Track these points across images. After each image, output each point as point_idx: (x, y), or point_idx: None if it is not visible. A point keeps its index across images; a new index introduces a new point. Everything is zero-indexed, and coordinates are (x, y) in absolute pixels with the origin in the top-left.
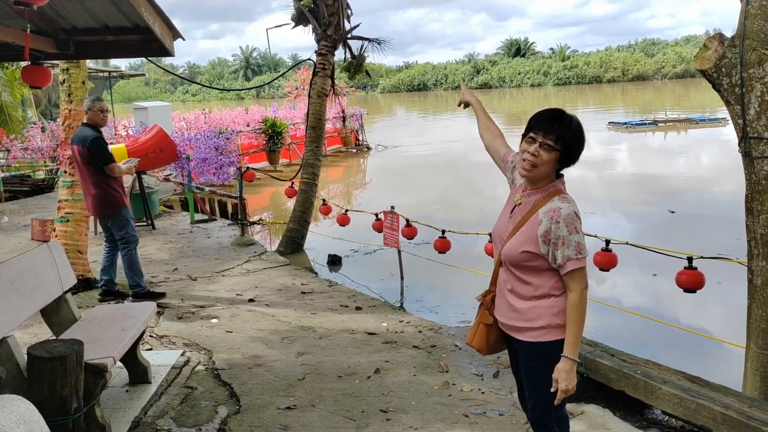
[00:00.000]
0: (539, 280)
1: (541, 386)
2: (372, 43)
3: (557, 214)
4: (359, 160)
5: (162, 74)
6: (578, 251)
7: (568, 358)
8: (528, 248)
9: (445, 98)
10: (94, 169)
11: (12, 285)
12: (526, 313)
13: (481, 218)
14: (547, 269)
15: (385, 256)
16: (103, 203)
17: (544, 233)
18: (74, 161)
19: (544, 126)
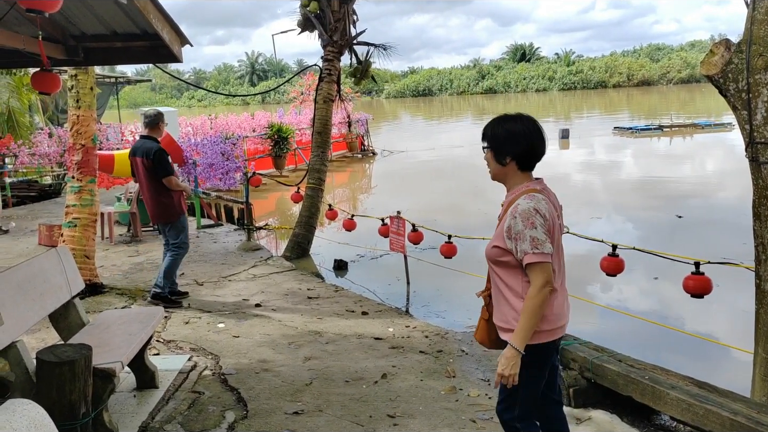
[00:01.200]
0: (512, 279)
1: (505, 387)
2: (378, 49)
3: (515, 210)
4: (364, 165)
5: (168, 80)
6: (534, 246)
7: (512, 347)
8: (497, 243)
9: (450, 103)
10: (157, 180)
11: (21, 290)
12: (505, 314)
13: (486, 223)
14: (519, 267)
15: (391, 261)
16: (164, 211)
17: (507, 229)
18: (136, 172)
19: (483, 132)
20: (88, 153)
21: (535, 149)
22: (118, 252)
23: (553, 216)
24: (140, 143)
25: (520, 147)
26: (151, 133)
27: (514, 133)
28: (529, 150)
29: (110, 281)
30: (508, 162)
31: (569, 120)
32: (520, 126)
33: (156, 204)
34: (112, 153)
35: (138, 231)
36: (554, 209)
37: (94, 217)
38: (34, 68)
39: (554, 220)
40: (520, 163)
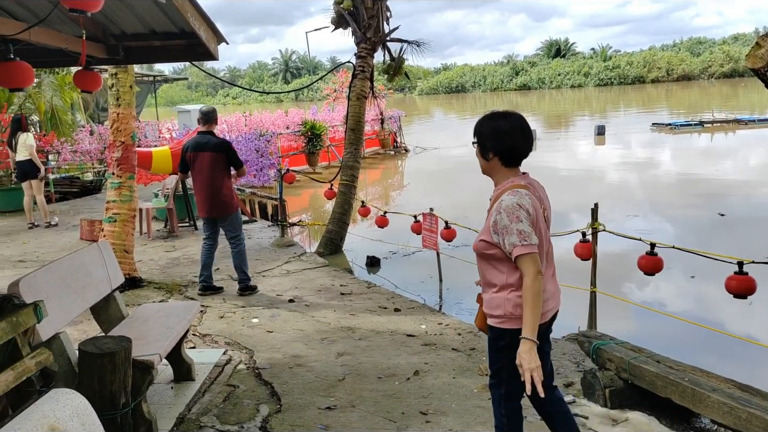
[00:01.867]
0: (498, 271)
1: (493, 365)
2: (411, 45)
3: (500, 206)
4: (397, 162)
5: (203, 78)
6: (522, 239)
7: (526, 339)
8: (484, 237)
9: (483, 100)
10: (223, 174)
11: (64, 283)
12: (490, 302)
13: None
14: (504, 260)
15: (424, 258)
16: (225, 205)
17: (493, 224)
18: (196, 166)
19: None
20: (128, 150)
21: (517, 147)
22: (156, 247)
23: (537, 209)
24: (203, 138)
25: (503, 144)
26: (210, 128)
27: (498, 130)
28: (511, 147)
29: (148, 275)
30: (491, 157)
31: (605, 116)
32: (504, 123)
33: (219, 197)
34: (150, 150)
35: (174, 227)
36: (539, 202)
37: (133, 213)
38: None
39: (538, 213)
40: (503, 159)
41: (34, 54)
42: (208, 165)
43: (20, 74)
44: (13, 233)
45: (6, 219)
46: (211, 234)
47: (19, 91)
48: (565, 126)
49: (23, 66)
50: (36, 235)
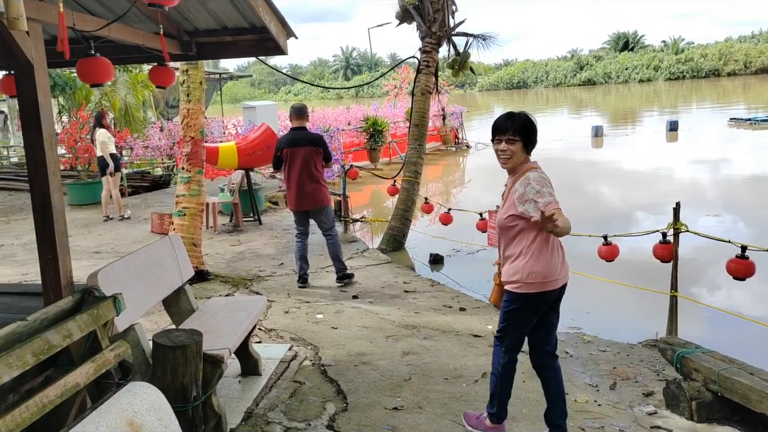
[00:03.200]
0: (517, 243)
1: (501, 322)
2: (477, 40)
3: (527, 179)
4: (458, 159)
5: (266, 76)
6: (554, 199)
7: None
8: (511, 212)
9: (546, 96)
10: (319, 168)
11: (139, 275)
12: (508, 271)
13: (587, 219)
14: (524, 231)
15: (488, 256)
16: (322, 198)
17: (519, 196)
18: (293, 161)
19: (503, 127)
20: (197, 145)
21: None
22: (221, 241)
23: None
24: (299, 134)
25: (535, 138)
26: (302, 123)
27: (535, 127)
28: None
29: (214, 269)
30: (529, 150)
31: (676, 111)
32: (534, 123)
33: (317, 190)
34: (217, 145)
35: (240, 221)
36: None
37: (201, 207)
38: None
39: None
40: (529, 150)
41: (112, 51)
42: (307, 159)
43: (100, 70)
44: (90, 225)
45: (83, 212)
46: (304, 228)
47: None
48: (633, 122)
49: (103, 62)
50: (110, 228)
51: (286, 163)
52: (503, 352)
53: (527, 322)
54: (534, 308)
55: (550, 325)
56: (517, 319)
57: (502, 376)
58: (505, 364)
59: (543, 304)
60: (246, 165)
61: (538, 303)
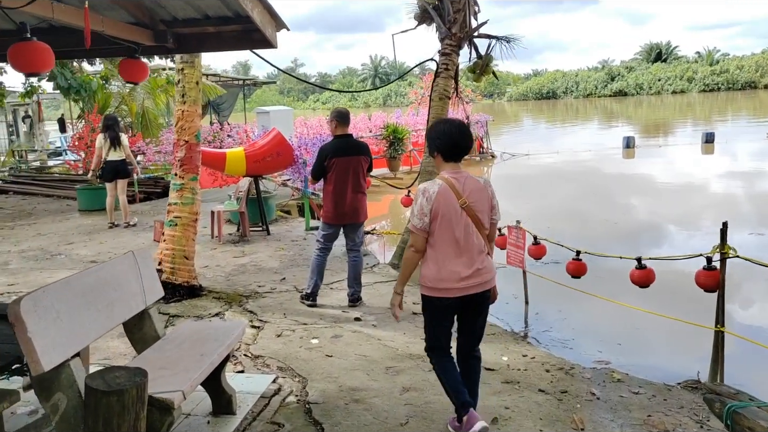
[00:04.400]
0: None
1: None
2: (500, 42)
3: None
4: (483, 168)
5: (295, 84)
6: (413, 216)
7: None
8: None
9: (576, 106)
10: (365, 178)
11: (85, 299)
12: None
13: (617, 236)
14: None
15: (508, 275)
16: (364, 210)
17: None
18: (343, 171)
19: None
20: (192, 150)
21: (453, 145)
22: (225, 252)
23: (448, 198)
24: (346, 142)
25: (442, 143)
26: (346, 130)
27: (439, 132)
28: (449, 145)
29: (211, 282)
30: (435, 155)
31: (710, 123)
32: (444, 126)
33: (362, 203)
34: (224, 151)
35: (246, 231)
36: (457, 194)
37: (195, 216)
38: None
39: (450, 202)
40: (443, 155)
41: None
42: (356, 170)
43: (37, 57)
44: (94, 232)
45: (91, 217)
46: (332, 244)
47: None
48: (666, 133)
49: (40, 47)
50: (114, 235)
51: (331, 174)
52: (426, 350)
53: (436, 323)
54: (435, 311)
55: (473, 325)
56: (428, 319)
57: (439, 377)
58: (435, 366)
59: (445, 309)
60: (255, 172)
61: (438, 307)
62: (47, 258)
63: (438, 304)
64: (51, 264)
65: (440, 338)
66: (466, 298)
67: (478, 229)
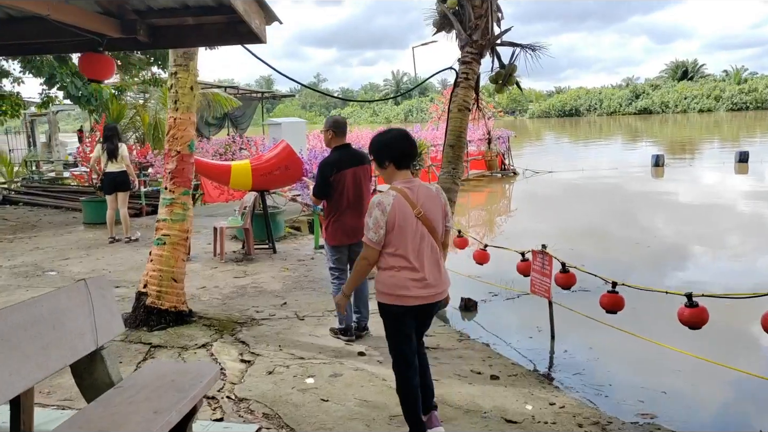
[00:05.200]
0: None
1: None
2: (525, 50)
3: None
4: (504, 186)
5: (317, 98)
6: (366, 230)
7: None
8: None
9: (599, 124)
10: (368, 190)
11: (8, 343)
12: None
13: (652, 262)
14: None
15: (532, 303)
16: None
17: None
18: (351, 184)
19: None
20: (184, 161)
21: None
22: (225, 271)
23: (403, 209)
24: (348, 152)
25: (392, 151)
26: (345, 140)
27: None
28: (399, 153)
29: (204, 306)
30: (387, 165)
31: (738, 142)
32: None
33: None
34: (229, 163)
35: (251, 249)
36: (412, 204)
37: (185, 235)
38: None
39: (406, 212)
40: (395, 163)
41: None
42: (359, 182)
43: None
44: (93, 247)
45: (94, 231)
46: (345, 267)
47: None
48: (695, 152)
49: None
50: (113, 251)
51: (339, 190)
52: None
53: (395, 330)
54: (393, 319)
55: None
56: (388, 330)
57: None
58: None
59: (402, 315)
60: (261, 186)
61: (396, 314)
62: (38, 275)
63: (395, 311)
64: (40, 282)
65: (403, 347)
66: (423, 306)
67: (433, 237)
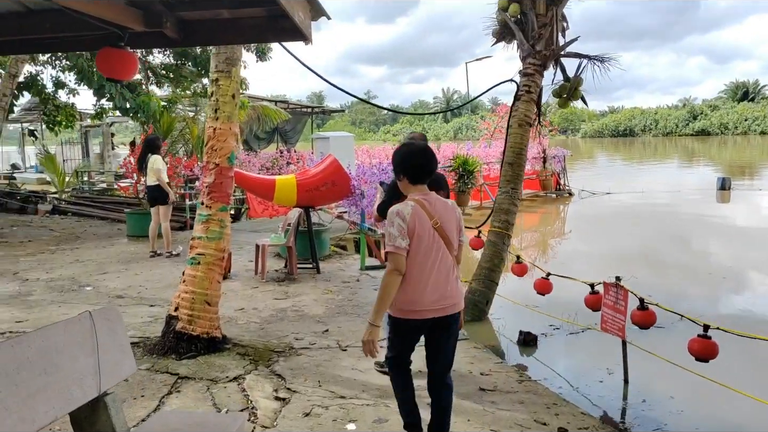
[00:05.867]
0: None
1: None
2: (592, 62)
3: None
4: (559, 207)
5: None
6: (389, 240)
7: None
8: None
9: (654, 145)
10: None
11: None
12: None
13: (730, 297)
14: None
15: (600, 340)
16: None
17: None
18: None
19: None
20: (223, 174)
21: (416, 166)
22: (266, 292)
23: (422, 219)
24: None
25: (405, 165)
26: None
27: (402, 156)
28: (413, 167)
29: (241, 331)
30: (402, 178)
31: None
32: (405, 150)
33: None
34: (274, 178)
35: (294, 268)
36: (430, 215)
37: (221, 254)
38: None
39: (424, 223)
40: (409, 178)
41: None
42: None
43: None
44: (133, 261)
45: (137, 244)
46: None
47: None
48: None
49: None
50: (153, 266)
51: None
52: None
53: (402, 341)
54: (404, 333)
55: (438, 346)
56: (394, 338)
57: (395, 389)
58: (393, 378)
59: (414, 329)
60: (307, 202)
61: (408, 329)
62: (73, 290)
63: (408, 326)
64: (74, 297)
65: (404, 354)
66: (437, 319)
67: (448, 249)
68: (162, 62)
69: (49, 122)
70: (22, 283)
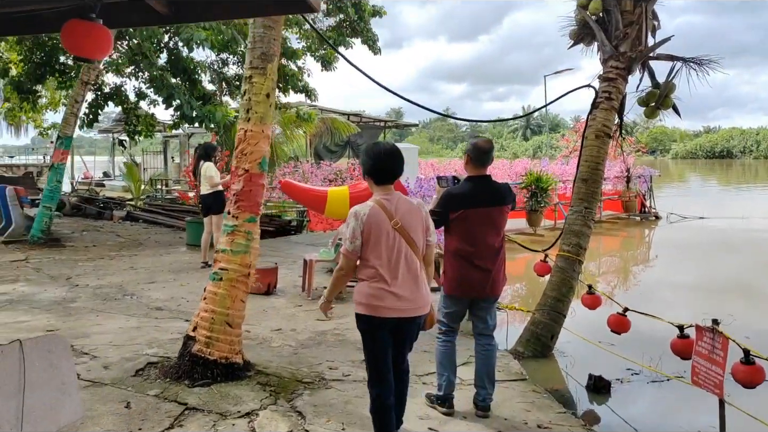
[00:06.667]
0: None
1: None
2: (687, 65)
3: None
4: (644, 231)
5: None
6: (344, 240)
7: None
8: None
9: (755, 168)
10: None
11: None
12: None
13: None
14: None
15: (688, 393)
16: (503, 279)
17: None
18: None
19: None
20: (253, 181)
21: (378, 168)
22: (309, 311)
23: (378, 219)
24: (486, 185)
25: (369, 166)
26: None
27: (367, 156)
28: (375, 169)
29: (271, 356)
30: (367, 178)
31: None
32: (370, 151)
33: (500, 269)
34: (325, 189)
35: None
36: (390, 215)
37: (246, 270)
38: None
39: (382, 223)
40: (373, 178)
41: None
42: (496, 224)
43: None
44: (183, 271)
45: (192, 253)
46: (458, 324)
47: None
48: None
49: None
50: (201, 277)
51: (459, 228)
52: (369, 386)
53: (371, 347)
54: (371, 331)
55: (401, 346)
56: (366, 346)
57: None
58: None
59: (378, 328)
60: None
61: (373, 326)
62: (116, 299)
63: (372, 322)
64: (114, 307)
65: (379, 366)
66: (401, 320)
67: (412, 249)
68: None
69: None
70: (71, 288)
